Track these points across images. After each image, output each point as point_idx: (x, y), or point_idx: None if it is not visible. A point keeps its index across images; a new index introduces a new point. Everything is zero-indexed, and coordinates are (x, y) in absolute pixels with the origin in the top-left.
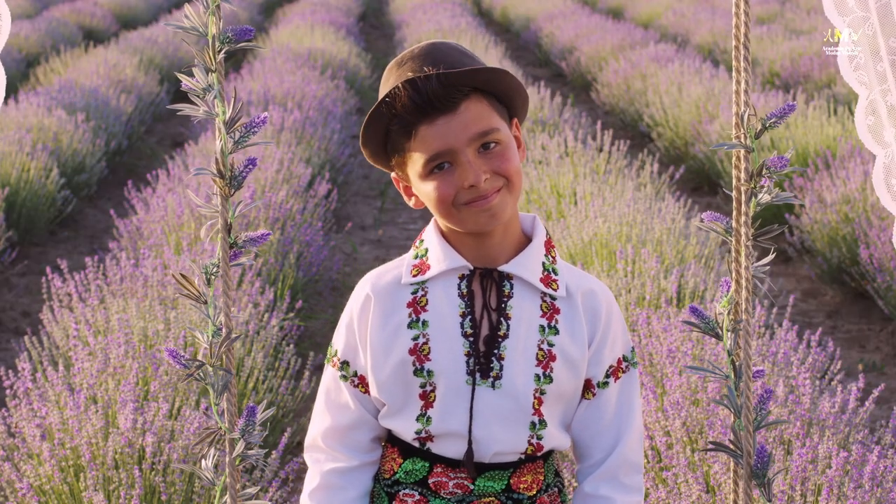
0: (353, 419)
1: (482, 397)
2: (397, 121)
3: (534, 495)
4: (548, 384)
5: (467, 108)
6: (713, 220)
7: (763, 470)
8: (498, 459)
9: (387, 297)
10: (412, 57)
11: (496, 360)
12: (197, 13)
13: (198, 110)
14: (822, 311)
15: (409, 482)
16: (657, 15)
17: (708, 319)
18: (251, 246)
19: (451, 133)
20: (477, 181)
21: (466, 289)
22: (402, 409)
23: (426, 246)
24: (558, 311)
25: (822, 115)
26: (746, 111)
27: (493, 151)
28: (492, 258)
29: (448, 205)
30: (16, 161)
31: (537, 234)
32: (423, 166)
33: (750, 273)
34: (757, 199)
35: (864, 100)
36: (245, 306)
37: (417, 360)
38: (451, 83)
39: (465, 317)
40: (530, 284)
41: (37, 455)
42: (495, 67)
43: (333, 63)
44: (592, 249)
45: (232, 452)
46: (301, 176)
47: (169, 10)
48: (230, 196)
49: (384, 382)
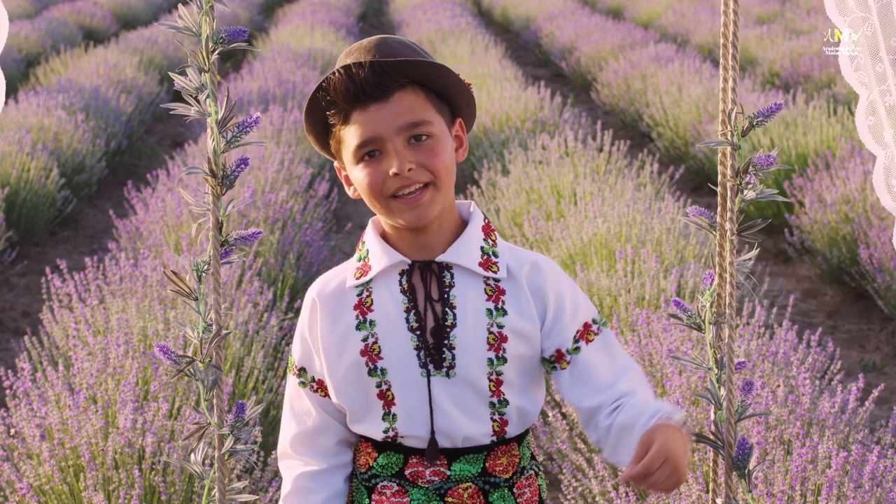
0: (317, 424)
1: (439, 387)
2: (333, 107)
3: (510, 477)
4: (502, 365)
5: (400, 97)
6: (698, 214)
7: (744, 461)
8: (469, 443)
9: (333, 301)
10: (359, 48)
11: (447, 350)
12: (191, 14)
13: (191, 110)
14: (822, 311)
15: (386, 475)
16: (657, 15)
17: (690, 312)
18: (242, 244)
19: (380, 120)
20: (401, 170)
21: (407, 283)
22: (367, 413)
23: (367, 247)
24: (503, 291)
25: (822, 115)
26: (734, 109)
27: (424, 144)
28: (430, 249)
29: (378, 194)
30: (16, 161)
31: (474, 219)
32: (353, 153)
33: (734, 267)
34: (742, 196)
35: (864, 100)
36: (244, 306)
37: (370, 360)
38: (385, 72)
39: (409, 311)
40: (470, 271)
41: (36, 455)
42: (432, 62)
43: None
44: (592, 249)
45: (221, 448)
46: (301, 176)
47: (169, 10)
48: (222, 195)
49: (340, 385)
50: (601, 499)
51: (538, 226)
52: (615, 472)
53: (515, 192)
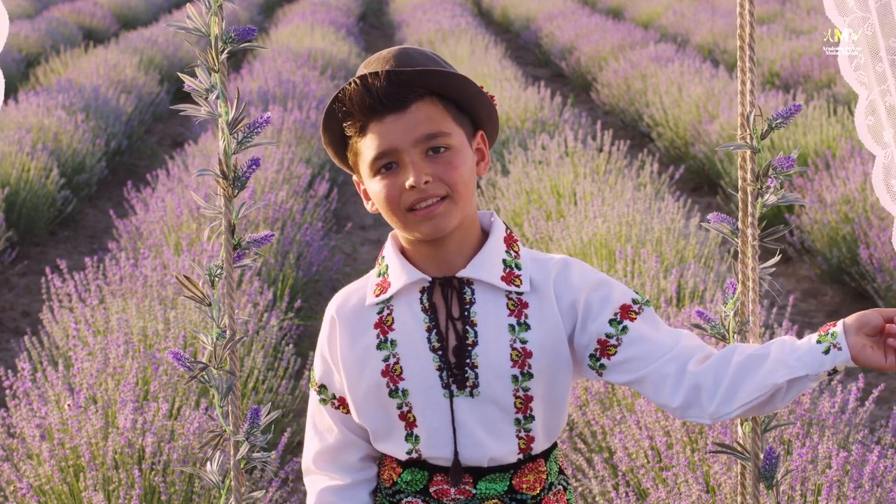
0: (339, 441)
1: (462, 408)
2: (350, 118)
3: (537, 494)
4: (529, 380)
5: (418, 108)
6: (720, 221)
7: (772, 471)
8: (496, 462)
9: (353, 319)
10: (378, 58)
11: (470, 369)
12: (199, 13)
13: (200, 111)
14: (822, 311)
15: (411, 491)
16: (657, 15)
17: (714, 322)
18: (255, 247)
19: (397, 132)
20: (417, 183)
21: (428, 301)
22: (389, 434)
23: (387, 262)
24: (526, 304)
25: (822, 115)
26: (752, 112)
27: (441, 156)
28: (450, 264)
29: (395, 206)
30: (16, 161)
31: (495, 231)
32: (370, 165)
33: (756, 274)
34: (763, 200)
35: (863, 100)
36: (244, 306)
37: (391, 381)
38: (402, 82)
39: (430, 331)
40: (492, 285)
41: (36, 455)
42: (450, 72)
43: (333, 63)
44: (592, 249)
45: (236, 455)
46: (301, 176)
47: (169, 10)
48: (233, 197)
49: (361, 405)
50: (601, 499)
51: (538, 226)
52: (615, 472)
53: (515, 192)
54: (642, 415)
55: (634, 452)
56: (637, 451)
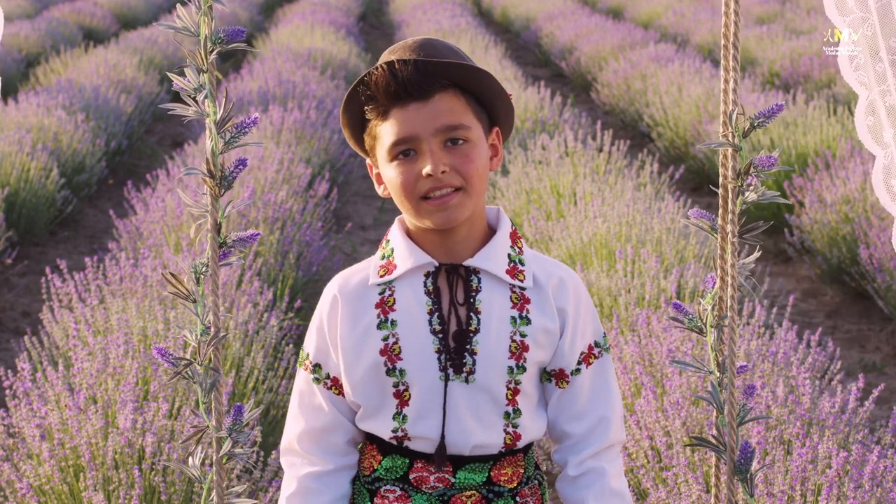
0: (328, 422)
1: (455, 392)
2: (372, 102)
3: (514, 488)
4: (521, 374)
5: (441, 99)
6: (700, 217)
7: (746, 465)
8: (477, 452)
9: (355, 298)
10: (404, 46)
11: (469, 355)
12: (189, 14)
13: (189, 110)
14: (822, 311)
15: (390, 479)
16: (657, 15)
17: (691, 315)
18: (240, 246)
19: (418, 120)
20: (434, 171)
21: (433, 285)
22: (379, 410)
23: (392, 245)
24: (528, 300)
25: (822, 115)
26: (735, 110)
27: (459, 148)
28: (457, 253)
29: (409, 193)
30: (16, 161)
31: (502, 226)
32: (388, 150)
33: (735, 270)
34: (743, 198)
35: (863, 100)
36: (244, 306)
37: (389, 361)
38: (428, 72)
39: (432, 314)
40: (497, 277)
41: (36, 455)
42: (478, 67)
43: (333, 63)
44: (592, 249)
45: (218, 451)
46: (301, 176)
47: (169, 10)
48: (220, 196)
49: (357, 384)
50: None
51: (538, 226)
52: None
53: (515, 192)
54: (642, 415)
55: (634, 452)
56: (637, 451)
